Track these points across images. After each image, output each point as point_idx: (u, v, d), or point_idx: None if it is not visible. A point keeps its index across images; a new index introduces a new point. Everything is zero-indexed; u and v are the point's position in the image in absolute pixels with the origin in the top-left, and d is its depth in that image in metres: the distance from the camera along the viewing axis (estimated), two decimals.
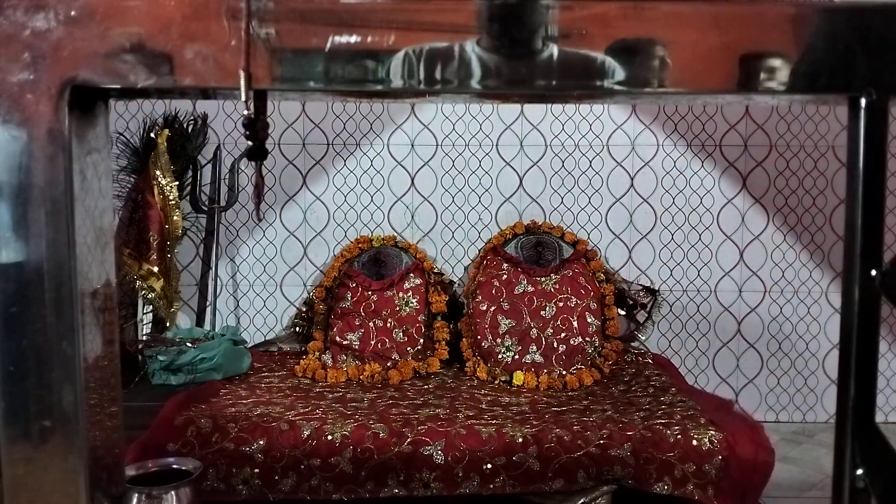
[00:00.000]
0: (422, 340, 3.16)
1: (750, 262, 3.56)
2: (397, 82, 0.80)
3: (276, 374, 3.04)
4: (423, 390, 2.86)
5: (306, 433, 2.35)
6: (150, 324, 3.16)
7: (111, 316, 0.88)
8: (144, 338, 3.07)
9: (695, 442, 2.30)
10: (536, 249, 3.34)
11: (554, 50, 0.79)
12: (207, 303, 3.34)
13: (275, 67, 0.79)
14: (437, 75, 0.81)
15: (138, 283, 3.05)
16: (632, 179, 3.52)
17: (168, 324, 3.14)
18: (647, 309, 3.38)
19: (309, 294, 3.47)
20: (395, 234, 3.48)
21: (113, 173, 2.94)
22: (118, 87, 0.79)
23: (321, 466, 2.31)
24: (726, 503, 2.27)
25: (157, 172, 3.08)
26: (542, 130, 3.50)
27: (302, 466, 2.31)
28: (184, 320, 3.36)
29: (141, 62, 0.78)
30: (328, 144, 3.50)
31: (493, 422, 2.44)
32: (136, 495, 1.49)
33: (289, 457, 2.31)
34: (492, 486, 2.30)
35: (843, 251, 0.82)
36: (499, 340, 3.07)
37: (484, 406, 2.66)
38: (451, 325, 3.27)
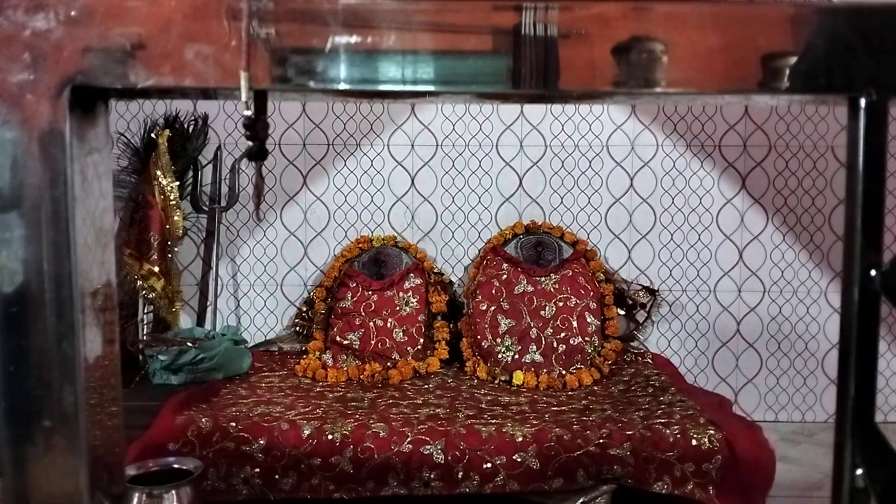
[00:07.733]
0: (422, 340, 3.16)
1: (749, 262, 3.56)
2: (397, 83, 0.80)
3: (276, 373, 3.05)
4: (423, 390, 2.86)
5: (307, 433, 2.35)
6: (151, 324, 3.17)
7: (111, 316, 0.88)
8: (145, 338, 3.07)
9: (694, 441, 2.30)
10: (536, 249, 3.34)
11: (554, 50, 0.79)
12: (208, 303, 3.34)
13: (275, 67, 0.79)
14: (437, 76, 0.81)
15: (139, 283, 3.06)
16: (631, 180, 3.52)
17: (171, 324, 3.15)
18: (647, 309, 3.38)
19: (309, 294, 3.47)
20: (396, 234, 3.49)
21: (113, 173, 2.94)
22: (118, 87, 0.79)
23: (321, 466, 2.31)
24: (729, 503, 2.28)
25: (158, 173, 3.09)
26: (542, 131, 3.50)
27: (302, 466, 2.31)
28: (184, 320, 3.36)
29: (141, 62, 0.78)
30: (328, 145, 3.50)
31: (493, 421, 2.44)
32: (137, 495, 1.49)
33: (289, 456, 2.31)
34: (491, 486, 2.30)
35: (842, 251, 0.82)
36: (499, 340, 3.07)
37: (484, 406, 2.66)
38: (451, 325, 3.27)
